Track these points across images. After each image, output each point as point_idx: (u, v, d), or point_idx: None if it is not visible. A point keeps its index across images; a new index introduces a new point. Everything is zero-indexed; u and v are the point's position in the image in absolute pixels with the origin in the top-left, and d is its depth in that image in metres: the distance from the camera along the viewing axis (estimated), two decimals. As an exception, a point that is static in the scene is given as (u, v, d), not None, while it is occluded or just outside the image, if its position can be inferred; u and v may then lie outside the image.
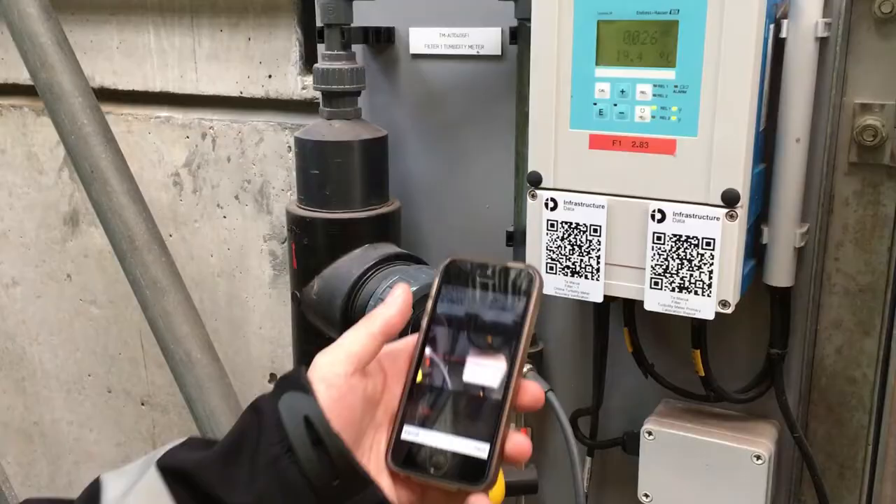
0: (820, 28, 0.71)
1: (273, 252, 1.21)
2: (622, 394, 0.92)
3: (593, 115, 0.73)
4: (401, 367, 0.53)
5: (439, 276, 0.53)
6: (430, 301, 0.53)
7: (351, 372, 0.49)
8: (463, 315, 0.52)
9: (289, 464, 0.46)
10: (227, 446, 0.48)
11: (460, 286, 0.52)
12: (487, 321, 0.52)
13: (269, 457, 0.46)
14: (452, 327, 0.52)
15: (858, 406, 0.82)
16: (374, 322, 0.51)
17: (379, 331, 0.51)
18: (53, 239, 1.40)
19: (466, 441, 0.50)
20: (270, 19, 1.12)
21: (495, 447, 0.49)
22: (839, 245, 0.79)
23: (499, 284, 0.52)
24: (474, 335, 0.52)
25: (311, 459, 0.46)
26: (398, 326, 0.52)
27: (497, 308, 0.51)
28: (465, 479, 0.49)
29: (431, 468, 0.50)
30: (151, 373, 1.40)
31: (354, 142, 0.90)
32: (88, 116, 0.96)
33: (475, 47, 0.92)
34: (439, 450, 0.50)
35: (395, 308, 0.52)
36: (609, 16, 0.71)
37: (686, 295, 0.73)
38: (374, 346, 0.50)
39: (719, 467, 0.81)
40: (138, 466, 0.50)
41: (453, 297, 0.53)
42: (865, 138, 0.75)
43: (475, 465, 0.49)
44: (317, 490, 0.46)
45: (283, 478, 0.46)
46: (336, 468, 0.47)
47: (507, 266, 0.52)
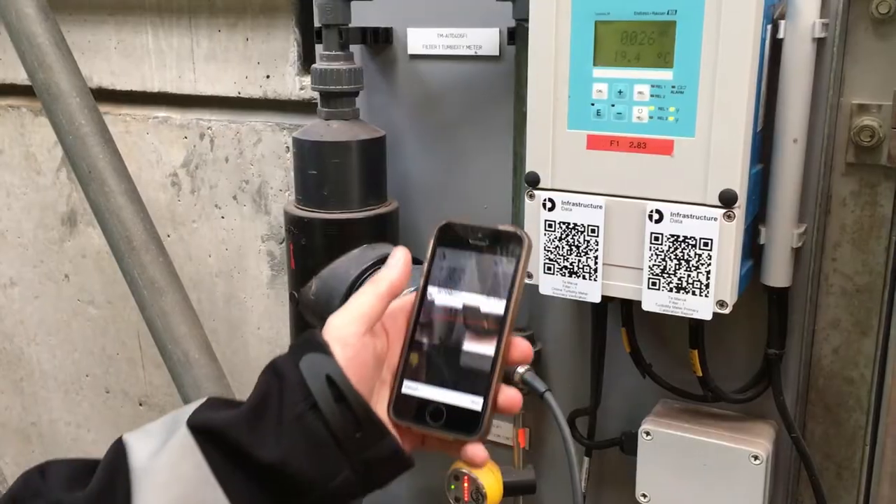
0: (817, 29, 0.71)
1: (271, 252, 1.21)
2: (620, 394, 0.92)
3: (591, 115, 0.73)
4: (400, 326, 0.56)
5: (434, 238, 0.56)
6: (425, 263, 0.56)
7: (363, 332, 0.52)
8: (457, 275, 0.55)
9: (313, 419, 0.49)
10: (252, 406, 0.51)
11: (454, 248, 0.56)
12: (480, 281, 0.55)
13: (294, 414, 0.49)
14: (447, 287, 0.55)
15: (856, 406, 0.82)
16: (381, 284, 0.54)
17: (385, 292, 0.54)
18: (51, 239, 1.40)
19: (461, 394, 0.53)
20: (268, 20, 1.12)
21: (488, 400, 0.53)
22: (836, 245, 0.80)
23: (490, 246, 0.55)
24: (468, 295, 0.55)
25: (334, 414, 0.50)
26: (402, 287, 0.55)
27: (489, 268, 0.55)
28: (460, 430, 0.53)
29: (430, 420, 0.53)
30: (149, 373, 1.40)
31: (352, 142, 0.90)
32: (86, 117, 0.96)
33: (473, 48, 0.92)
34: (437, 403, 0.54)
35: (397, 270, 0.55)
36: (607, 16, 0.71)
37: (684, 295, 0.73)
38: (381, 306, 0.54)
39: (717, 467, 0.81)
40: (162, 426, 0.52)
41: (448, 259, 0.56)
42: (863, 139, 0.75)
43: (470, 416, 0.53)
44: (340, 443, 0.50)
45: (308, 433, 0.49)
46: (358, 421, 0.50)
47: (497, 228, 0.55)
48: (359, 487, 0.51)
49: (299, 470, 0.49)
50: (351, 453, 0.50)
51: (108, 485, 0.50)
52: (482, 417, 0.53)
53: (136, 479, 0.49)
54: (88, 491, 0.50)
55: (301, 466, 0.49)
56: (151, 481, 0.49)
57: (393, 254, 0.57)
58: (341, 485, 0.50)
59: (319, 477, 0.50)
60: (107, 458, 0.52)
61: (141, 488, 0.49)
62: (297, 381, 0.50)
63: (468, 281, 0.55)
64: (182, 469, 0.49)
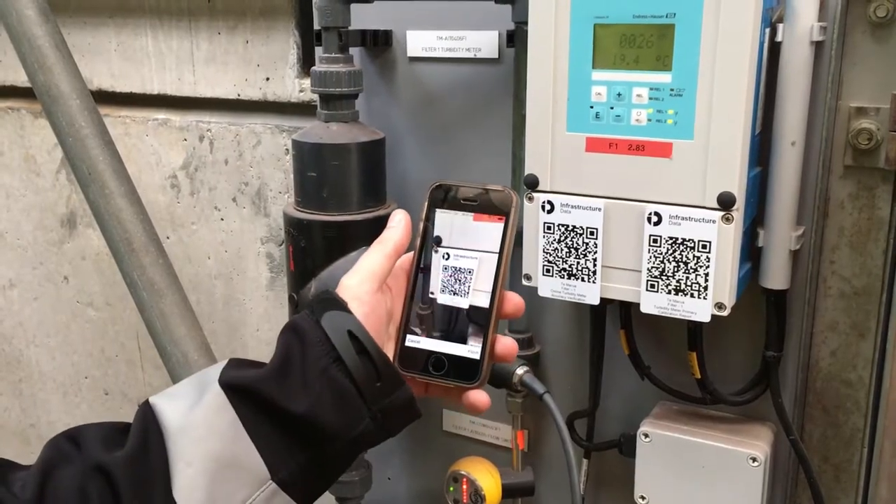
0: (815, 32, 0.71)
1: (270, 254, 1.21)
2: (618, 396, 0.92)
3: (590, 118, 0.74)
4: (401, 284, 0.61)
5: (427, 199, 0.60)
6: (420, 223, 0.60)
7: (375, 289, 0.57)
8: (451, 233, 0.59)
9: (337, 372, 0.53)
10: (278, 363, 0.54)
11: (447, 208, 0.60)
12: (472, 238, 0.59)
13: (319, 367, 0.53)
14: (442, 245, 0.59)
15: (854, 408, 0.82)
16: (387, 244, 0.59)
17: (392, 251, 0.59)
18: (51, 241, 1.40)
19: (460, 345, 0.58)
20: (268, 22, 1.12)
21: (486, 349, 0.57)
22: (835, 248, 0.80)
23: (481, 204, 0.59)
24: (462, 251, 0.59)
25: (357, 366, 0.54)
26: (405, 246, 0.60)
27: (480, 225, 0.59)
28: (461, 378, 0.58)
29: (432, 369, 0.58)
30: (148, 375, 1.40)
31: (352, 144, 0.90)
32: (86, 119, 0.96)
33: (472, 50, 0.92)
34: (438, 353, 0.58)
35: (400, 230, 0.60)
36: (605, 19, 0.71)
37: (682, 297, 0.73)
38: (389, 265, 0.58)
39: (715, 469, 0.82)
40: (189, 387, 0.55)
41: (441, 218, 0.60)
42: (860, 142, 0.76)
43: (469, 365, 0.58)
44: (363, 392, 0.54)
45: (334, 384, 0.53)
46: (378, 372, 0.54)
47: (486, 187, 0.59)
48: (377, 435, 0.55)
49: (326, 420, 0.53)
50: (372, 402, 0.54)
51: (143, 444, 0.52)
52: (480, 365, 0.57)
53: (170, 437, 0.52)
54: (126, 451, 0.52)
55: (328, 416, 0.53)
56: (187, 438, 0.52)
57: (393, 216, 0.61)
58: (362, 433, 0.54)
59: (344, 425, 0.53)
60: (137, 420, 0.54)
61: (177, 445, 0.51)
62: (319, 337, 0.54)
63: (461, 238, 0.59)
64: (217, 425, 0.52)
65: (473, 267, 0.58)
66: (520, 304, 0.60)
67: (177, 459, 0.51)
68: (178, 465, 0.51)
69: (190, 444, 0.51)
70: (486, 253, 0.58)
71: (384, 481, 1.12)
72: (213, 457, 0.51)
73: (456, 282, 0.59)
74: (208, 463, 0.51)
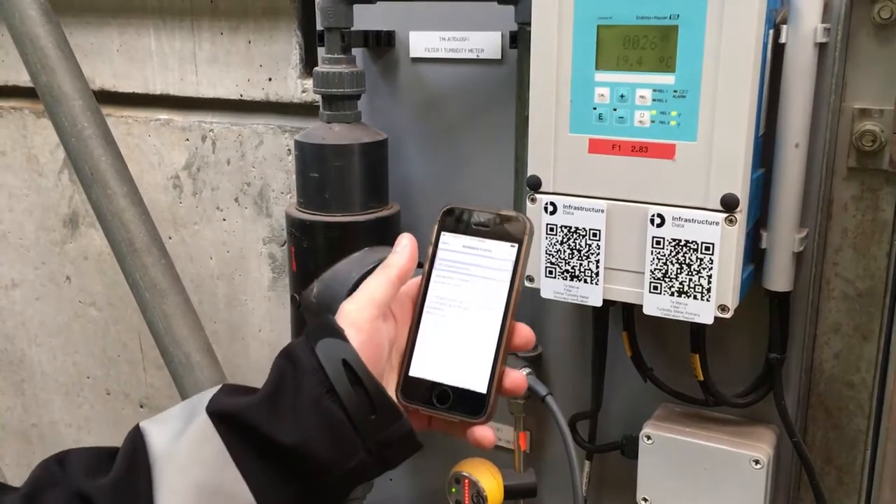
0: (819, 33, 0.71)
1: (272, 255, 1.21)
2: (621, 398, 0.92)
3: (593, 119, 0.74)
4: (407, 310, 0.58)
5: (437, 223, 0.57)
6: (430, 247, 0.57)
7: (375, 316, 0.54)
8: (460, 259, 0.57)
9: (330, 402, 0.51)
10: (269, 391, 0.52)
11: (457, 232, 0.57)
12: (483, 265, 0.56)
13: (311, 397, 0.51)
14: (451, 271, 0.57)
15: (857, 411, 0.82)
16: (391, 270, 0.56)
17: (395, 277, 0.56)
18: (53, 241, 1.40)
19: (467, 377, 0.55)
20: (271, 22, 1.12)
21: (493, 382, 0.54)
22: (838, 250, 0.80)
23: (493, 230, 0.56)
24: (471, 279, 0.56)
25: (350, 397, 0.51)
26: (409, 272, 0.57)
27: (491, 252, 0.56)
28: (466, 412, 0.55)
29: (436, 402, 0.55)
30: (150, 375, 1.40)
31: (354, 145, 0.90)
32: (89, 119, 0.96)
33: (475, 51, 0.92)
34: (443, 385, 0.55)
35: (405, 255, 0.57)
36: (609, 20, 0.71)
37: (685, 299, 0.73)
38: (391, 291, 0.56)
39: (718, 472, 0.81)
40: (179, 413, 0.53)
41: (451, 243, 0.57)
42: (864, 143, 0.75)
43: (475, 399, 0.55)
44: (356, 425, 0.51)
45: (325, 415, 0.51)
46: (373, 403, 0.52)
47: (500, 213, 0.56)
48: (373, 468, 0.53)
49: (317, 452, 0.51)
50: (366, 435, 0.52)
51: (128, 471, 0.51)
52: (487, 400, 0.54)
53: (156, 464, 0.50)
54: (110, 478, 0.51)
55: (318, 449, 0.51)
56: (173, 465, 0.50)
57: (399, 240, 0.58)
58: (357, 466, 0.52)
59: (336, 459, 0.51)
60: (125, 446, 0.53)
61: (162, 472, 0.50)
62: (313, 365, 0.51)
63: (471, 265, 0.56)
64: (202, 453, 0.50)
65: (482, 295, 0.56)
66: (530, 337, 0.57)
67: (162, 487, 0.50)
68: (163, 493, 0.50)
69: (176, 472, 0.50)
70: (497, 281, 0.55)
71: (386, 482, 1.12)
72: (199, 486, 0.50)
73: (464, 310, 0.56)
74: (194, 492, 0.50)
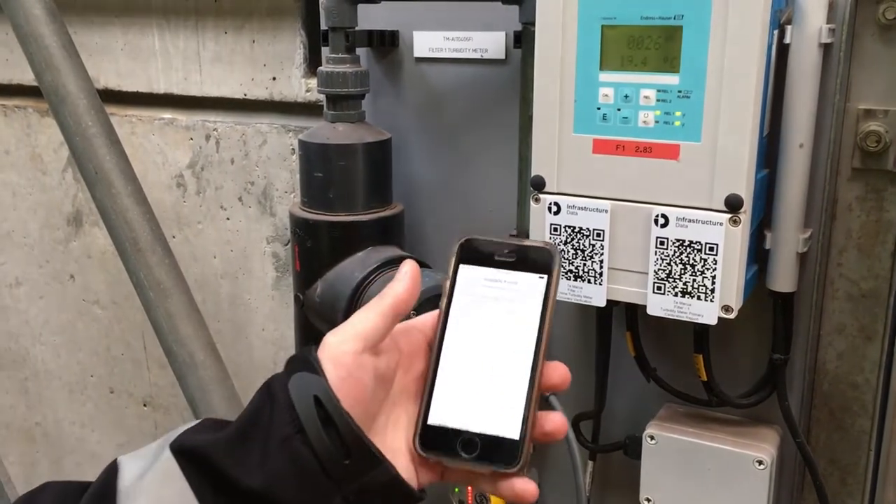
0: (824, 34, 0.71)
1: (276, 254, 1.21)
2: (624, 398, 0.92)
3: (597, 119, 0.74)
4: (417, 343, 0.53)
5: (455, 255, 0.53)
6: (447, 281, 0.52)
7: (360, 350, 0.49)
8: (483, 293, 0.51)
9: (300, 444, 0.46)
10: (239, 428, 0.48)
11: (478, 264, 0.52)
12: (508, 300, 0.51)
13: (280, 437, 0.46)
14: (472, 307, 0.51)
15: (861, 411, 0.82)
16: (384, 301, 0.51)
17: (389, 309, 0.50)
18: (57, 239, 1.41)
19: (496, 423, 0.49)
20: (275, 22, 1.12)
21: (526, 427, 0.49)
22: (842, 250, 0.79)
23: (517, 263, 0.51)
24: (495, 315, 0.51)
25: (321, 439, 0.46)
26: (408, 303, 0.51)
27: (517, 286, 0.51)
28: (496, 461, 0.49)
29: (462, 451, 0.49)
30: (154, 374, 1.40)
31: (358, 145, 0.90)
32: (93, 118, 0.96)
33: (479, 51, 0.92)
34: (469, 433, 0.49)
35: (403, 285, 0.51)
36: (613, 21, 0.71)
37: (689, 300, 0.73)
38: (384, 324, 0.50)
39: (721, 472, 0.81)
40: (154, 449, 0.50)
41: (471, 277, 0.52)
42: (869, 144, 0.75)
43: (507, 446, 0.49)
44: (328, 470, 0.46)
45: (294, 458, 0.46)
46: (347, 447, 0.47)
47: (524, 244, 0.52)
48: None
49: (284, 498, 0.46)
50: (341, 481, 0.47)
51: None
52: (520, 447, 0.49)
53: (120, 502, 0.47)
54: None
55: (287, 494, 0.46)
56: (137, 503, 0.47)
57: (400, 268, 0.53)
58: None
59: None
60: (98, 480, 0.50)
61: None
62: (284, 402, 0.47)
63: (495, 299, 0.51)
64: (164, 493, 0.47)
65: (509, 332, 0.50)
66: (565, 375, 0.51)
67: None
68: None
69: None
70: (525, 315, 0.50)
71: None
72: None
73: (488, 349, 0.51)
74: None
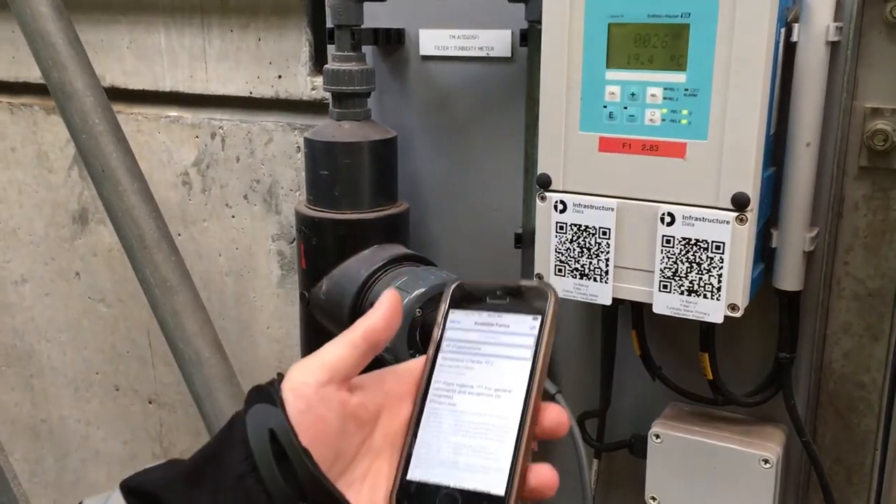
0: (831, 32, 0.71)
1: (281, 252, 1.22)
2: (630, 396, 0.92)
3: (603, 117, 0.73)
4: (405, 389, 0.49)
5: (446, 300, 0.50)
6: (436, 327, 0.50)
7: (324, 381, 0.45)
8: (472, 338, 0.49)
9: (253, 483, 0.42)
10: (194, 465, 0.45)
11: (469, 309, 0.50)
12: (500, 344, 0.48)
13: (234, 475, 0.43)
14: (461, 352, 0.49)
15: (867, 411, 0.82)
16: (356, 331, 0.47)
17: (360, 340, 0.47)
18: (62, 237, 1.41)
19: (480, 478, 0.46)
20: (280, 20, 1.12)
21: (513, 481, 0.45)
22: (849, 249, 0.79)
23: (510, 305, 0.49)
24: (486, 360, 0.48)
25: (275, 478, 0.42)
26: (382, 334, 0.48)
27: (510, 328, 0.48)
28: None
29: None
30: (159, 371, 1.40)
31: (364, 143, 0.90)
32: (100, 116, 0.96)
33: (485, 49, 0.92)
34: (450, 488, 0.46)
35: (378, 315, 0.48)
36: (620, 18, 0.71)
37: (695, 298, 0.73)
38: (354, 355, 0.46)
39: (727, 471, 0.81)
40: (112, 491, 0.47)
41: (462, 321, 0.50)
42: (876, 143, 0.75)
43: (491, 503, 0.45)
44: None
45: (248, 497, 0.42)
46: (302, 488, 0.43)
47: (518, 284, 0.49)
48: None
49: None
50: None
51: None
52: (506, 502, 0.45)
53: None
54: None
55: None
56: None
57: (380, 299, 0.49)
58: None
59: None
60: None
61: None
62: (241, 436, 0.44)
63: (485, 343, 0.49)
64: None
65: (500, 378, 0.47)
66: (562, 419, 0.48)
67: None
68: None
69: None
70: (516, 360, 0.47)
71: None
72: None
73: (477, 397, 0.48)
74: None
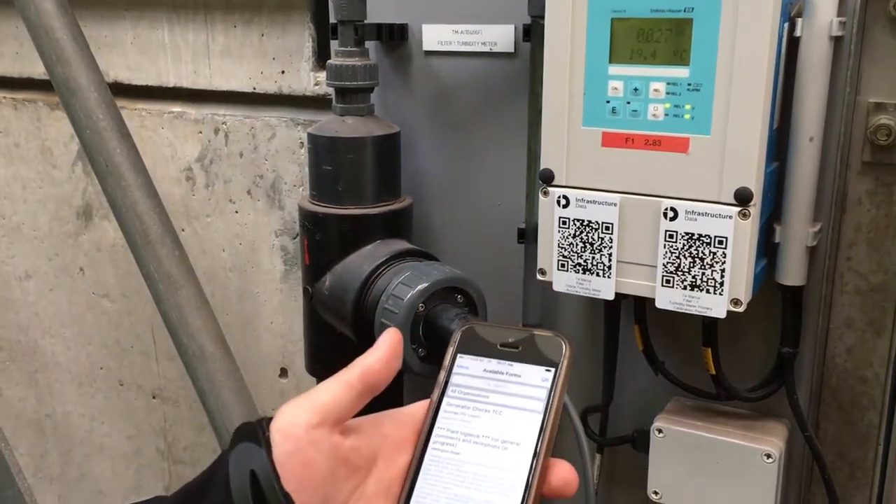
0: (834, 27, 0.71)
1: (284, 247, 1.22)
2: (632, 391, 0.92)
3: (606, 112, 0.74)
4: (405, 435, 0.47)
5: (454, 343, 0.49)
6: (443, 371, 0.48)
7: (315, 423, 0.43)
8: (481, 385, 0.47)
9: None
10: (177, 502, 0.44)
11: (478, 355, 0.48)
12: (509, 394, 0.47)
13: None
14: (468, 399, 0.47)
15: (869, 406, 0.82)
16: (352, 370, 0.45)
17: (357, 380, 0.45)
18: (66, 232, 1.41)
19: None
20: (284, 15, 1.12)
21: None
22: (852, 244, 0.79)
23: (522, 353, 0.47)
24: (494, 408, 0.46)
25: None
26: (381, 375, 0.46)
27: (521, 380, 0.47)
28: None
29: None
30: (163, 366, 1.41)
31: (367, 138, 0.90)
32: (104, 111, 0.97)
33: (488, 44, 0.92)
34: None
35: (376, 356, 0.46)
36: (623, 13, 0.71)
37: (698, 293, 0.73)
38: (348, 397, 0.44)
39: (729, 466, 0.81)
40: None
41: (470, 367, 0.48)
42: (879, 137, 0.75)
43: None
44: None
45: None
46: None
47: (531, 333, 0.47)
48: None
49: None
50: None
51: None
52: None
53: None
54: None
55: None
56: None
57: (380, 339, 0.47)
58: None
59: None
60: None
61: None
62: (222, 477, 0.42)
63: (494, 392, 0.47)
64: None
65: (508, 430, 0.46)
66: (570, 478, 0.45)
67: None
68: None
69: None
70: (526, 411, 0.46)
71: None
72: None
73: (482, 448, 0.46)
74: None
